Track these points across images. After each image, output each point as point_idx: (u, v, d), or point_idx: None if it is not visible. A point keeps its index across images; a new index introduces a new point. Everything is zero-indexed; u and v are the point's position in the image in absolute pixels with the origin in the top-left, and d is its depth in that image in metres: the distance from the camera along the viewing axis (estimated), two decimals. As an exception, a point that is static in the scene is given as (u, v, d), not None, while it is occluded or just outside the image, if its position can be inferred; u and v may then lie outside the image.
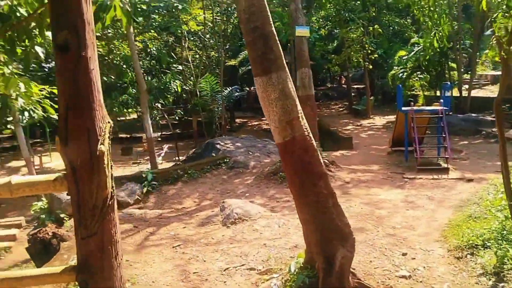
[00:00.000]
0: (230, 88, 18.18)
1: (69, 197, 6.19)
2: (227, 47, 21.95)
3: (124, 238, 5.87)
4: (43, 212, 7.57)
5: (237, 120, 26.61)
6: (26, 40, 3.14)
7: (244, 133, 22.30)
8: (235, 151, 10.95)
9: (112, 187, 2.01)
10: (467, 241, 4.54)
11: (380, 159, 10.59)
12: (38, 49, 3.35)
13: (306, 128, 3.87)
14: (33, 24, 3.11)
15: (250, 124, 26.41)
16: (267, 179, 8.69)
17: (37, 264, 4.27)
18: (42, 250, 4.34)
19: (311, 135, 3.89)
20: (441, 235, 5.17)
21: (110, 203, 1.98)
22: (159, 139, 23.73)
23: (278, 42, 3.83)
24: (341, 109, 25.76)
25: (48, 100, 5.02)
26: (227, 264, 4.75)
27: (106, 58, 16.48)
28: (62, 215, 7.03)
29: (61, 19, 1.82)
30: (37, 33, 3.17)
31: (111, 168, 2.02)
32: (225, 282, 4.31)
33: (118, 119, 24.21)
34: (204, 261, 4.92)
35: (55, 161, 18.44)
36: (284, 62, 3.84)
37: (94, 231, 1.93)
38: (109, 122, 2.04)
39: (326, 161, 9.24)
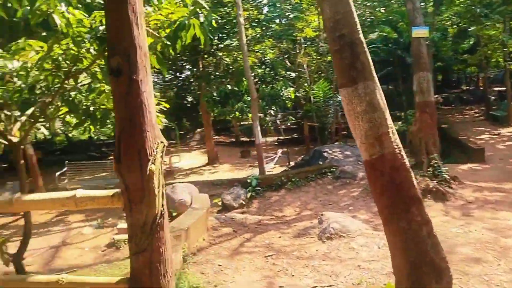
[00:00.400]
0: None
1: (181, 197, 6.65)
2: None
3: (222, 242, 6.09)
4: (160, 209, 8.34)
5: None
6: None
7: (362, 140, 21.32)
8: (343, 160, 10.53)
9: (162, 205, 2.04)
10: None
11: (520, 176, 9.02)
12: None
13: (397, 145, 3.45)
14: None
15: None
16: (374, 192, 8.11)
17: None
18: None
19: (403, 152, 3.46)
20: None
21: (160, 221, 2.02)
22: (276, 143, 24.38)
23: (367, 50, 3.51)
24: (477, 114, 22.83)
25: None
26: (315, 283, 4.54)
27: (231, 67, 17.52)
28: (174, 214, 7.64)
29: (114, 45, 1.92)
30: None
31: (163, 187, 2.06)
32: (308, 302, 4.12)
33: (241, 123, 25.67)
34: (293, 275, 4.79)
35: (183, 161, 20.36)
36: (373, 71, 3.49)
37: (143, 248, 1.98)
38: (162, 142, 2.08)
39: (446, 176, 8.25)
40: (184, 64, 23.18)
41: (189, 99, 28.78)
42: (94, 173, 14.13)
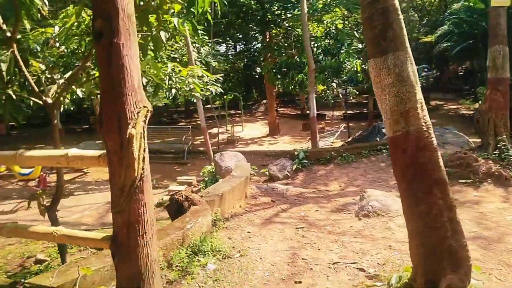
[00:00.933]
0: (417, 67, 16.51)
1: (228, 165, 6.85)
2: (424, 22, 19.82)
3: (258, 210, 6.18)
4: (209, 174, 8.68)
5: (432, 103, 24.29)
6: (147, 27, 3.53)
7: (436, 117, 20.14)
8: (403, 137, 9.93)
9: (143, 169, 2.10)
10: None
11: None
12: (162, 33, 3.73)
13: (425, 122, 3.16)
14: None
15: (446, 107, 23.59)
16: (429, 173, 7.61)
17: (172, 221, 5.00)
18: (176, 210, 4.99)
19: (431, 130, 3.17)
20: None
21: (139, 184, 2.08)
22: (342, 117, 23.73)
23: (401, 17, 3.21)
24: None
25: (195, 79, 5.56)
26: (339, 258, 4.45)
27: (301, 38, 17.12)
28: (220, 180, 7.90)
29: (96, 8, 1.97)
30: (155, 18, 3.53)
31: (144, 151, 2.11)
32: (327, 276, 4.06)
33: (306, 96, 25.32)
34: (319, 249, 4.73)
35: (246, 131, 20.73)
36: (406, 41, 3.20)
37: (121, 209, 2.07)
38: (145, 107, 2.12)
39: (512, 160, 7.49)
40: (256, 34, 23.19)
41: (258, 70, 28.96)
42: (163, 137, 14.97)
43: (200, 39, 12.83)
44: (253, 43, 27.52)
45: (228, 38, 24.63)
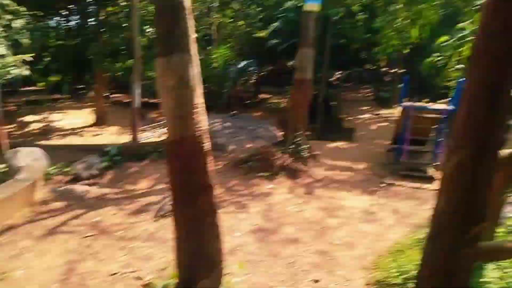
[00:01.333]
0: (246, 62, 17.46)
1: (21, 163, 5.72)
2: (260, 16, 21.03)
3: (45, 219, 5.53)
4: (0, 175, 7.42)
5: (261, 95, 26.02)
6: None
7: (262, 110, 21.61)
8: (220, 131, 10.39)
9: None
10: (387, 276, 3.81)
11: (374, 157, 9.61)
12: None
13: (200, 128, 3.18)
14: None
15: (271, 101, 25.64)
16: (235, 167, 8.09)
17: None
18: None
19: (204, 136, 3.22)
20: (373, 261, 4.42)
21: None
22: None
23: (191, 17, 3.12)
24: (369, 94, 24.29)
25: None
26: (121, 268, 4.29)
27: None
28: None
29: None
30: None
31: None
32: (100, 291, 3.85)
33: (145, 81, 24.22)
34: (102, 260, 4.47)
35: (67, 119, 18.35)
36: (192, 42, 3.13)
37: None
38: None
39: (303, 154, 8.49)
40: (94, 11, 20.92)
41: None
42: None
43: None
44: (89, 20, 24.83)
45: (63, 11, 21.57)
